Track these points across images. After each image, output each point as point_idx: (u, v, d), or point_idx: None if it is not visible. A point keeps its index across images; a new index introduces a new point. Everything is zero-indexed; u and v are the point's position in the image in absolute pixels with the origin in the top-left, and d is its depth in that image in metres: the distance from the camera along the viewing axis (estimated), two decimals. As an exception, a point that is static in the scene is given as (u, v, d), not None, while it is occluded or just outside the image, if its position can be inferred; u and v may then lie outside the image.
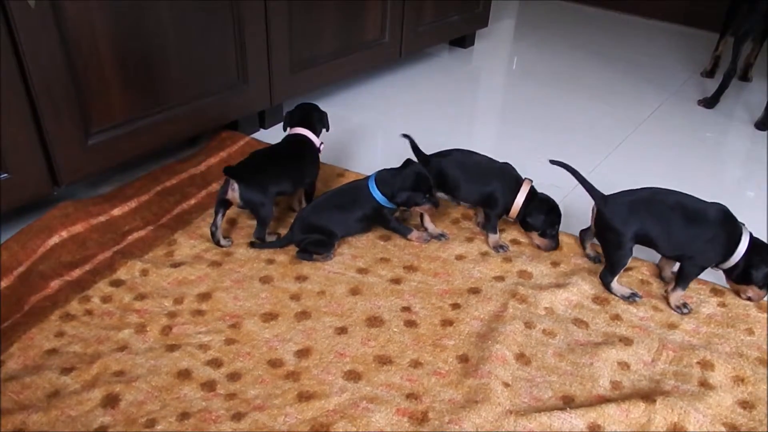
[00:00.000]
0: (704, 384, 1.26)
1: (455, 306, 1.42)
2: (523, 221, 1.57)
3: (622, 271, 1.47)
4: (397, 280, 1.48)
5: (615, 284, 1.47)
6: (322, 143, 1.67)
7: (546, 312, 1.42)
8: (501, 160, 1.65)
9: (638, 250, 1.50)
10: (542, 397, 1.21)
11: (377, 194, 1.53)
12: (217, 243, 1.53)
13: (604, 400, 1.20)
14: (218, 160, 1.83)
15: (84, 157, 1.59)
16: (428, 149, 1.65)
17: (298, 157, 1.62)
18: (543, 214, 1.54)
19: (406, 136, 1.62)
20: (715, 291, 1.52)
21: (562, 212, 1.59)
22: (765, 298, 1.48)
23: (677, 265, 1.48)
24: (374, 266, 1.52)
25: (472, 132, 2.33)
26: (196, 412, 1.13)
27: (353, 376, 1.23)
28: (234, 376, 1.21)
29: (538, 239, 1.58)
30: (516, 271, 1.54)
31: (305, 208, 1.58)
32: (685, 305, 1.46)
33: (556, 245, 1.58)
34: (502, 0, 3.72)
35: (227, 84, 1.89)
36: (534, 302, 1.43)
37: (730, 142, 2.43)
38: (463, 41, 3.01)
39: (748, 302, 1.47)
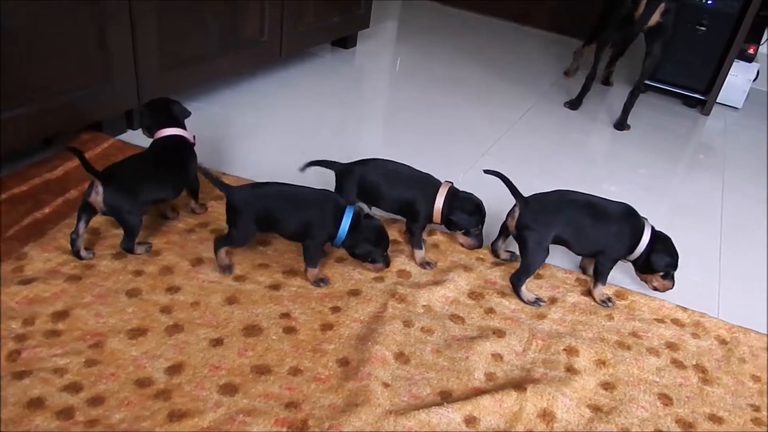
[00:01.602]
0: (570, 369, 1.34)
1: (335, 309, 1.40)
2: (447, 221, 1.57)
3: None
4: (276, 286, 1.44)
5: (523, 289, 1.51)
6: (194, 136, 1.59)
7: (424, 310, 1.44)
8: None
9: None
10: (421, 394, 1.23)
11: (344, 229, 1.41)
12: (77, 254, 1.40)
13: (479, 392, 1.24)
14: (78, 164, 1.68)
15: None
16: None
17: (180, 161, 1.53)
18: (467, 214, 1.55)
19: (314, 163, 1.60)
20: (580, 281, 1.62)
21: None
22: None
23: None
24: (252, 273, 1.47)
25: (355, 132, 2.33)
26: (49, 443, 1.03)
27: (229, 389, 1.18)
28: (96, 401, 1.11)
29: (462, 238, 1.59)
30: (395, 270, 1.55)
31: (247, 191, 1.44)
32: (609, 299, 1.55)
33: (480, 244, 1.59)
34: (384, 1, 3.77)
35: (87, 81, 1.74)
36: (413, 301, 1.45)
37: (593, 141, 2.62)
38: (345, 42, 3.01)
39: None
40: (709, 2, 2.91)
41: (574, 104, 2.79)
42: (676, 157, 2.61)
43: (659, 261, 1.51)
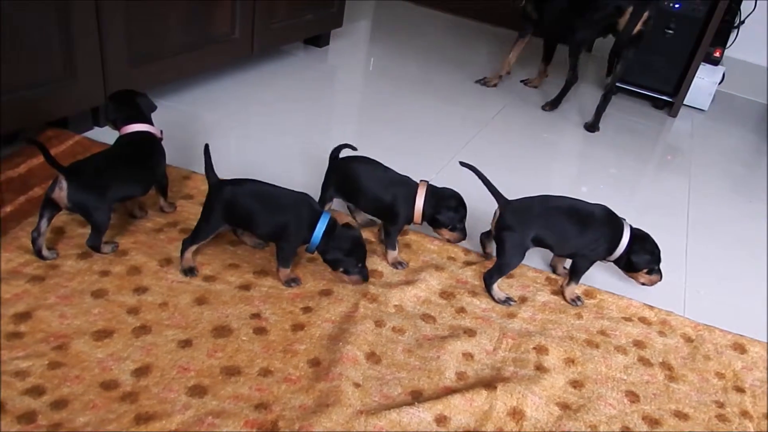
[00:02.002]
0: (540, 368, 1.35)
1: (306, 309, 1.39)
2: (433, 220, 1.57)
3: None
4: (246, 287, 1.42)
5: (495, 287, 1.53)
6: (161, 131, 1.56)
7: (396, 309, 1.44)
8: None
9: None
10: (392, 394, 1.22)
11: (318, 235, 1.40)
12: (39, 253, 1.36)
13: (450, 391, 1.24)
14: (41, 161, 1.64)
15: None
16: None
17: (147, 158, 1.50)
18: (452, 211, 1.55)
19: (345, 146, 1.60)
20: (549, 280, 1.64)
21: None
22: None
23: (568, 261, 1.59)
24: (222, 273, 1.45)
25: (328, 131, 2.32)
26: (10, 449, 1.00)
27: (198, 391, 1.16)
28: (59, 404, 1.09)
29: (448, 234, 1.59)
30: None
31: (227, 184, 1.40)
32: (578, 298, 1.57)
33: (465, 235, 1.60)
34: (357, 0, 3.76)
35: (50, 76, 1.70)
36: (384, 301, 1.44)
37: (564, 141, 2.65)
38: (318, 40, 3.00)
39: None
40: (677, 6, 2.97)
41: (552, 105, 2.80)
42: (645, 157, 2.66)
43: (640, 260, 1.54)
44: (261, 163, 1.94)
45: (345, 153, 1.64)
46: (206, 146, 1.43)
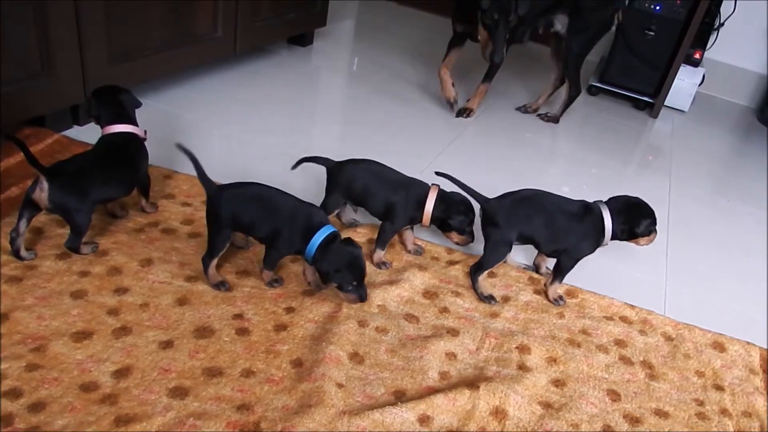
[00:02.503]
0: (522, 367, 1.36)
1: (289, 309, 1.38)
2: (443, 224, 1.57)
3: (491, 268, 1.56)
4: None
5: (481, 280, 1.54)
6: (145, 131, 1.54)
7: (379, 309, 1.44)
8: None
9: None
10: (375, 394, 1.22)
11: (313, 246, 1.34)
12: (17, 253, 1.34)
13: (433, 391, 1.24)
14: (18, 160, 1.62)
15: None
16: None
17: (130, 159, 1.48)
18: (462, 215, 1.56)
19: (307, 159, 1.59)
20: (532, 280, 1.65)
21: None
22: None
23: (551, 262, 1.60)
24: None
25: (311, 131, 2.31)
26: (-15, 453, 0.98)
27: (179, 392, 1.15)
28: (37, 407, 1.07)
29: (457, 237, 1.59)
30: (351, 270, 1.54)
31: (226, 189, 1.39)
32: (561, 297, 1.58)
33: (473, 239, 1.61)
34: (342, 0, 3.75)
35: (26, 74, 1.67)
36: (368, 301, 1.44)
37: (546, 142, 2.67)
38: (302, 39, 2.99)
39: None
40: (657, 8, 3.00)
41: (555, 120, 2.77)
42: (626, 158, 2.68)
43: (644, 229, 1.54)
44: (244, 163, 1.93)
45: (346, 156, 1.63)
46: (194, 159, 1.39)
